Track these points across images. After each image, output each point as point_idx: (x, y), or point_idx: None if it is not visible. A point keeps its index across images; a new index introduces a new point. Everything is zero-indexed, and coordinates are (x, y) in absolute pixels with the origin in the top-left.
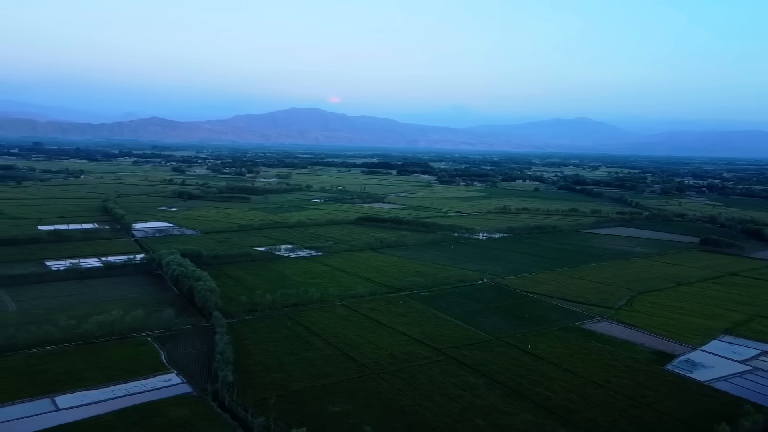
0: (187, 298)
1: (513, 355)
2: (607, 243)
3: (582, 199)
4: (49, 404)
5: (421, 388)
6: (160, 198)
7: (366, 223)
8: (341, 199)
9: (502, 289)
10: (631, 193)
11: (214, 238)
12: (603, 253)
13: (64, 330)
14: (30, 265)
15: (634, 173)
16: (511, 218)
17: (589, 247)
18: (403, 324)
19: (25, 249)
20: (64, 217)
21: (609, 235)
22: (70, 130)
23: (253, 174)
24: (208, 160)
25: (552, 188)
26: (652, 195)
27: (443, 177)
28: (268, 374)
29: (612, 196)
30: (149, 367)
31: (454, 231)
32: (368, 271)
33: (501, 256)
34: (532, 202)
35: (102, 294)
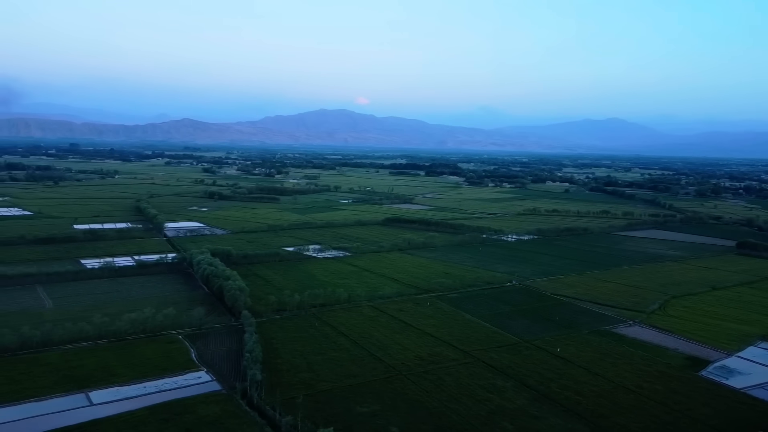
0: (217, 297)
1: (542, 358)
2: (640, 246)
3: (614, 201)
4: (83, 399)
5: (448, 390)
6: (191, 198)
7: (394, 224)
8: (369, 200)
9: (531, 291)
10: (665, 195)
11: (244, 238)
12: (635, 256)
13: (98, 327)
14: (66, 263)
15: (667, 175)
16: (540, 220)
17: (620, 249)
18: (431, 325)
19: (61, 247)
20: (99, 216)
21: (641, 237)
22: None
23: (282, 175)
24: (238, 161)
25: (583, 190)
26: (686, 197)
27: (472, 178)
28: (296, 373)
29: (645, 198)
30: (180, 365)
31: (482, 232)
32: (396, 272)
33: (530, 258)
34: (562, 203)
35: (135, 292)
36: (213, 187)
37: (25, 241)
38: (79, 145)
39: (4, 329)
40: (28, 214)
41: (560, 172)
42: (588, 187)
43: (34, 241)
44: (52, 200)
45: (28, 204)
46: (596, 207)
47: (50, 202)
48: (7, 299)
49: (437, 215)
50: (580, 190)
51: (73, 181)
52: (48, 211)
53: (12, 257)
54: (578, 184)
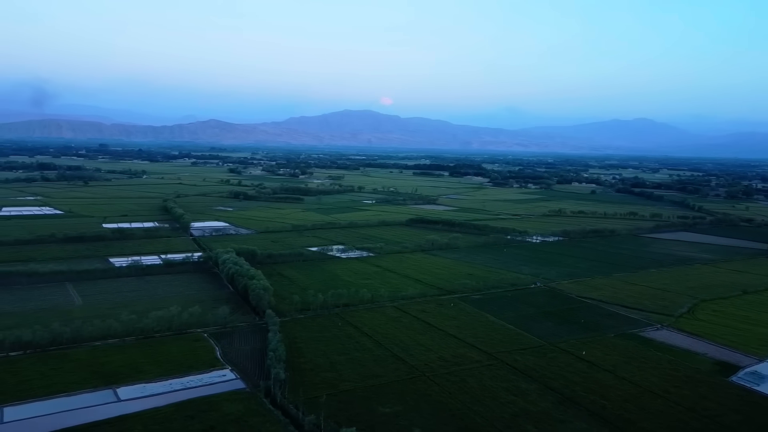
0: (241, 296)
1: (567, 361)
2: (668, 248)
3: (641, 202)
4: (111, 395)
5: (471, 392)
6: (217, 198)
7: (417, 225)
8: (393, 201)
9: (556, 293)
10: (694, 196)
11: (268, 238)
12: (663, 259)
13: (126, 324)
14: (95, 261)
15: (697, 176)
16: (566, 221)
17: (648, 252)
18: (454, 327)
19: (91, 246)
20: (127, 216)
21: (670, 240)
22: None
23: (307, 175)
24: (263, 161)
25: (609, 191)
26: (716, 199)
27: (496, 179)
28: (319, 373)
29: (673, 200)
30: (205, 363)
31: (506, 234)
32: (419, 273)
33: (555, 260)
34: (588, 205)
35: (161, 290)
36: (238, 188)
37: (55, 239)
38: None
39: (36, 325)
40: (58, 213)
41: (586, 173)
42: (615, 188)
43: (65, 239)
44: (82, 200)
45: (59, 203)
46: (623, 208)
47: (80, 201)
48: (38, 296)
49: (461, 216)
50: (606, 192)
51: (102, 181)
52: (78, 210)
53: (43, 255)
54: (605, 185)
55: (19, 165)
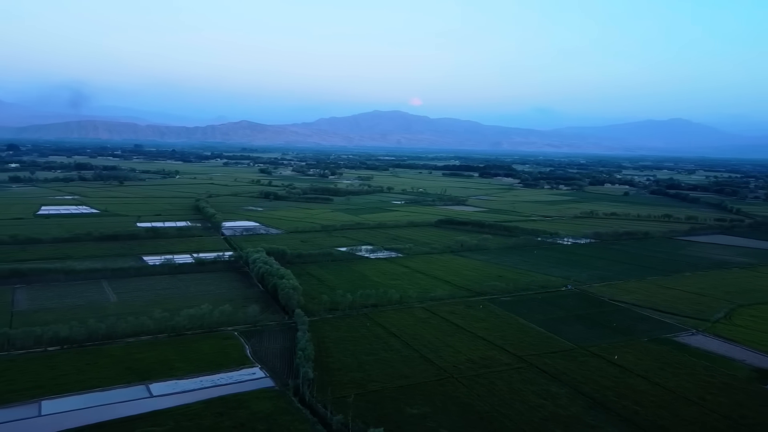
0: (271, 295)
1: (598, 365)
2: (704, 251)
3: (676, 204)
4: (144, 391)
5: (500, 395)
6: (247, 198)
7: (446, 226)
8: (422, 202)
9: (587, 296)
10: (732, 198)
11: (298, 238)
12: (699, 262)
13: (159, 321)
14: (129, 259)
15: (735, 178)
16: (598, 223)
17: (683, 255)
18: (483, 329)
19: (125, 244)
20: (161, 215)
21: (706, 243)
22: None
23: (336, 176)
24: (293, 161)
25: (643, 193)
26: (755, 201)
27: (527, 180)
28: (347, 373)
29: (710, 202)
30: (235, 361)
31: (537, 235)
32: (448, 274)
33: (587, 263)
34: (621, 206)
35: (193, 289)
36: (268, 188)
37: (91, 237)
38: (142, 147)
39: (73, 321)
40: (94, 212)
41: (619, 175)
42: (649, 189)
43: (100, 237)
44: (117, 199)
45: (95, 202)
46: (657, 210)
47: (115, 200)
48: (75, 293)
49: (491, 217)
50: (640, 193)
51: (136, 181)
52: (113, 209)
53: (80, 253)
54: (638, 186)
55: (58, 165)
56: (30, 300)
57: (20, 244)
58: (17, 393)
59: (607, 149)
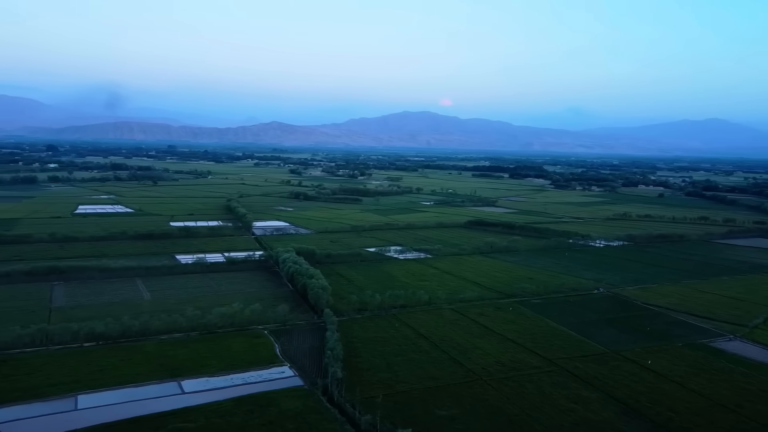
0: (300, 294)
1: (631, 370)
2: (743, 255)
3: (713, 206)
4: (176, 387)
5: (530, 398)
6: (277, 198)
7: (476, 227)
8: (451, 203)
9: (619, 299)
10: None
11: (327, 238)
12: (737, 266)
13: (191, 319)
14: (163, 258)
15: None
16: (631, 225)
17: (720, 258)
18: (513, 331)
19: (159, 243)
20: (193, 214)
21: (744, 246)
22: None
23: (365, 176)
24: (323, 162)
25: (679, 194)
26: None
27: (558, 181)
28: (376, 373)
29: (749, 204)
30: (265, 359)
31: (568, 237)
32: (477, 276)
33: (619, 265)
34: (655, 208)
35: (224, 287)
36: (298, 188)
37: (126, 236)
38: (176, 147)
39: (108, 318)
40: (129, 211)
41: (654, 176)
42: (684, 191)
43: (135, 236)
44: (151, 198)
45: (129, 202)
46: (693, 213)
47: (149, 200)
48: (110, 290)
49: (521, 219)
50: (675, 195)
51: (170, 181)
52: (147, 208)
53: (115, 251)
54: (674, 188)
55: (94, 165)
56: (67, 297)
57: (58, 242)
58: (55, 387)
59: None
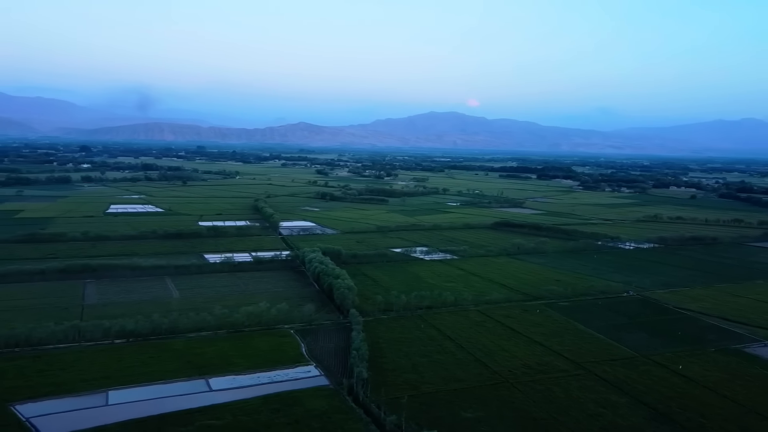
0: (326, 294)
1: (661, 375)
2: None
3: (747, 208)
4: (204, 385)
5: (557, 402)
6: (304, 198)
7: (503, 228)
8: (478, 203)
9: (650, 303)
10: None
11: (353, 238)
12: None
13: (218, 318)
14: (191, 257)
15: None
16: (662, 227)
17: (755, 262)
18: (540, 333)
19: (187, 242)
20: (221, 214)
21: None
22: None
23: (392, 177)
24: (350, 163)
25: (712, 196)
26: None
27: (587, 182)
28: (401, 374)
29: None
30: (291, 358)
31: (597, 239)
32: (504, 277)
33: (650, 268)
34: (687, 210)
35: (251, 286)
36: (325, 188)
37: (156, 235)
38: (205, 148)
39: (138, 316)
40: (159, 210)
41: (686, 177)
42: (718, 193)
43: (165, 236)
44: (180, 198)
45: (159, 201)
46: (727, 215)
47: (179, 200)
48: (141, 288)
49: (549, 220)
50: (708, 197)
51: (199, 181)
52: (177, 208)
53: (145, 250)
54: (706, 189)
55: (126, 165)
56: (99, 294)
57: (91, 241)
58: (87, 383)
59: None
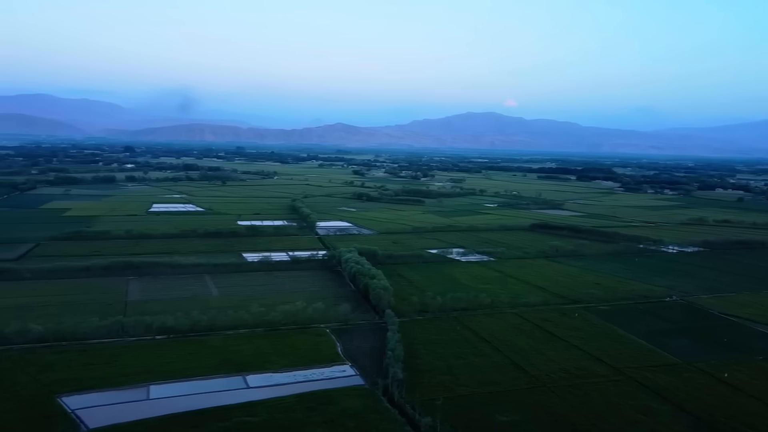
0: (362, 294)
1: (705, 382)
2: None
3: None
4: (240, 382)
5: (595, 408)
6: (341, 199)
7: (540, 230)
8: (515, 205)
9: (694, 308)
10: None
11: (389, 239)
12: None
13: (255, 316)
14: (230, 255)
15: None
16: (707, 231)
17: None
18: (578, 338)
19: (226, 241)
20: (259, 214)
21: None
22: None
23: (428, 178)
24: (386, 163)
25: (760, 199)
26: None
27: (628, 184)
28: (436, 375)
29: None
30: (326, 357)
31: (638, 242)
32: (541, 280)
33: (694, 273)
34: (734, 213)
35: (288, 285)
36: (361, 189)
37: (196, 234)
38: (244, 149)
39: (178, 312)
40: (200, 210)
41: (733, 179)
42: (767, 195)
43: (204, 234)
44: (220, 198)
45: (200, 201)
46: None
47: (218, 199)
48: (181, 286)
49: (588, 222)
50: (757, 199)
51: (238, 181)
52: (216, 207)
53: (186, 248)
54: (755, 192)
55: (168, 166)
56: (141, 291)
57: (134, 239)
58: (129, 377)
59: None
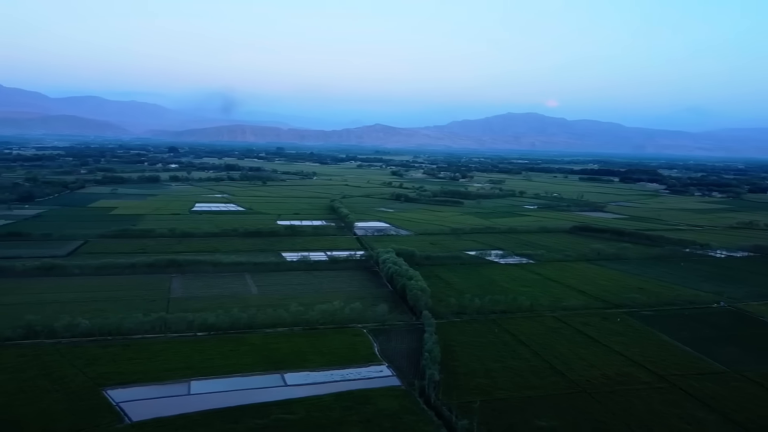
0: (399, 295)
1: (754, 392)
2: None
3: None
4: (279, 379)
5: (637, 415)
6: (379, 199)
7: (582, 233)
8: (556, 207)
9: (743, 315)
10: None
11: (427, 240)
12: None
13: (294, 315)
14: (269, 254)
15: None
16: (758, 235)
17: None
18: (620, 343)
19: (266, 240)
20: (299, 214)
21: None
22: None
23: (467, 179)
24: (424, 164)
25: None
26: None
27: (674, 186)
28: (473, 378)
29: None
30: (363, 357)
31: (684, 246)
32: (582, 284)
33: (743, 278)
34: None
35: (326, 285)
36: (399, 190)
37: (237, 233)
38: (284, 149)
39: (219, 310)
40: (241, 209)
41: None
42: None
43: (245, 234)
44: (260, 198)
45: (241, 201)
46: None
47: (259, 199)
48: (222, 284)
49: (631, 225)
50: None
51: (278, 181)
52: (256, 207)
53: (227, 247)
54: None
55: (210, 166)
56: (183, 288)
57: (177, 238)
58: (171, 372)
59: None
